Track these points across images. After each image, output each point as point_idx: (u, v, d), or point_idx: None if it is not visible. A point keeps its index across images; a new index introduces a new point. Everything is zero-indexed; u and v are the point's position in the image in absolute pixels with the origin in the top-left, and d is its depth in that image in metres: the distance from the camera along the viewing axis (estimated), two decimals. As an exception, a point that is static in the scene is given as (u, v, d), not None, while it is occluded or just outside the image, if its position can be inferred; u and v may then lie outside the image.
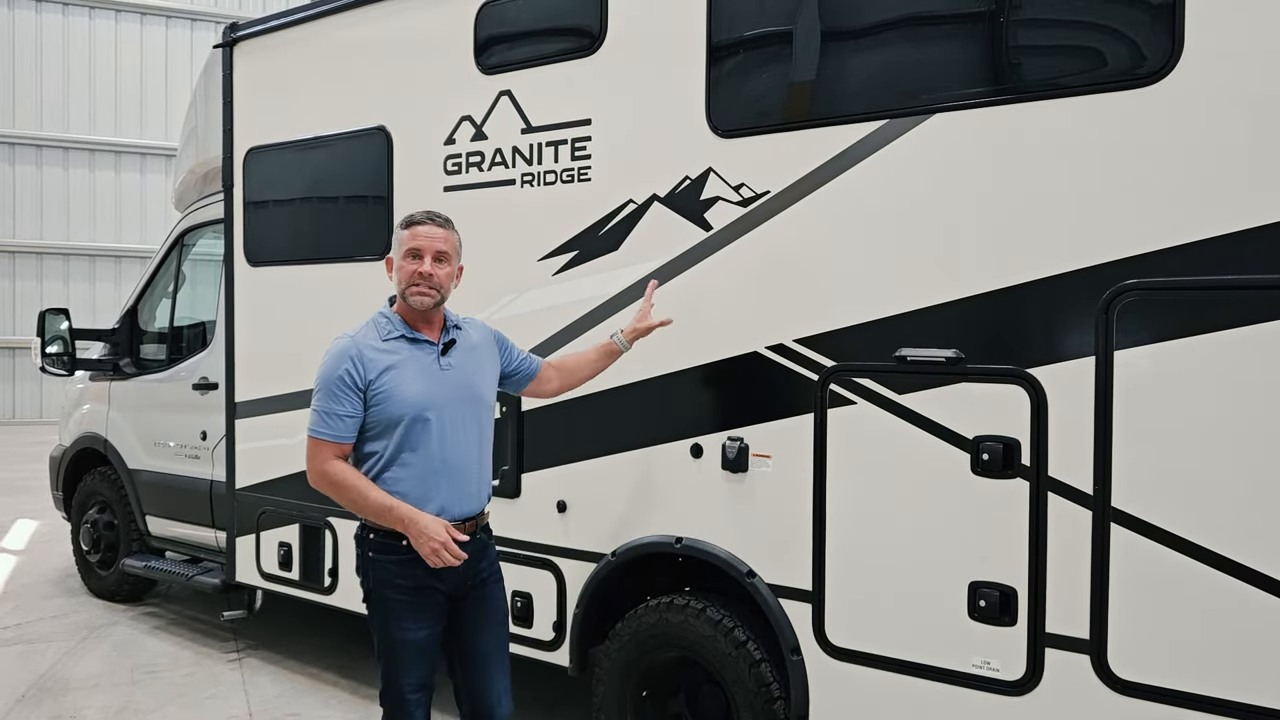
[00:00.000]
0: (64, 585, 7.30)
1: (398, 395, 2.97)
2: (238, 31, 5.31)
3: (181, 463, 6.13)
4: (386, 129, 4.57)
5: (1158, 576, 2.69)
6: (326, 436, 2.99)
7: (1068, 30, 2.88)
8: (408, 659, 3.03)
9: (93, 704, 5.01)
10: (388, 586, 3.03)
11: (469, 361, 3.14)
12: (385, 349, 3.01)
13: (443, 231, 3.09)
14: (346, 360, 2.98)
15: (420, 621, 3.03)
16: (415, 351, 3.04)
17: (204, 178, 6.14)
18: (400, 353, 3.02)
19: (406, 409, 2.97)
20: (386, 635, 3.05)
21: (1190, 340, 2.64)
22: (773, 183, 3.36)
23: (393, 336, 3.04)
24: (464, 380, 3.09)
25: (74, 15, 20.79)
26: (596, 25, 3.82)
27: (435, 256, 3.04)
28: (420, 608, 3.03)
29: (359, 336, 3.05)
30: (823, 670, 3.31)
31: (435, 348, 3.07)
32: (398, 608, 3.02)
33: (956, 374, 3.00)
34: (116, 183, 21.20)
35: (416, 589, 3.01)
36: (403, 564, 2.99)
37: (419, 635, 3.03)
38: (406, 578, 3.00)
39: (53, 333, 6.66)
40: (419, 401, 2.98)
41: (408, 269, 3.04)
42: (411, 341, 3.05)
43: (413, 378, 3.00)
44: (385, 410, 2.97)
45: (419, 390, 2.99)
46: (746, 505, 3.46)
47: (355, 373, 2.96)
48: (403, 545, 2.97)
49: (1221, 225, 2.59)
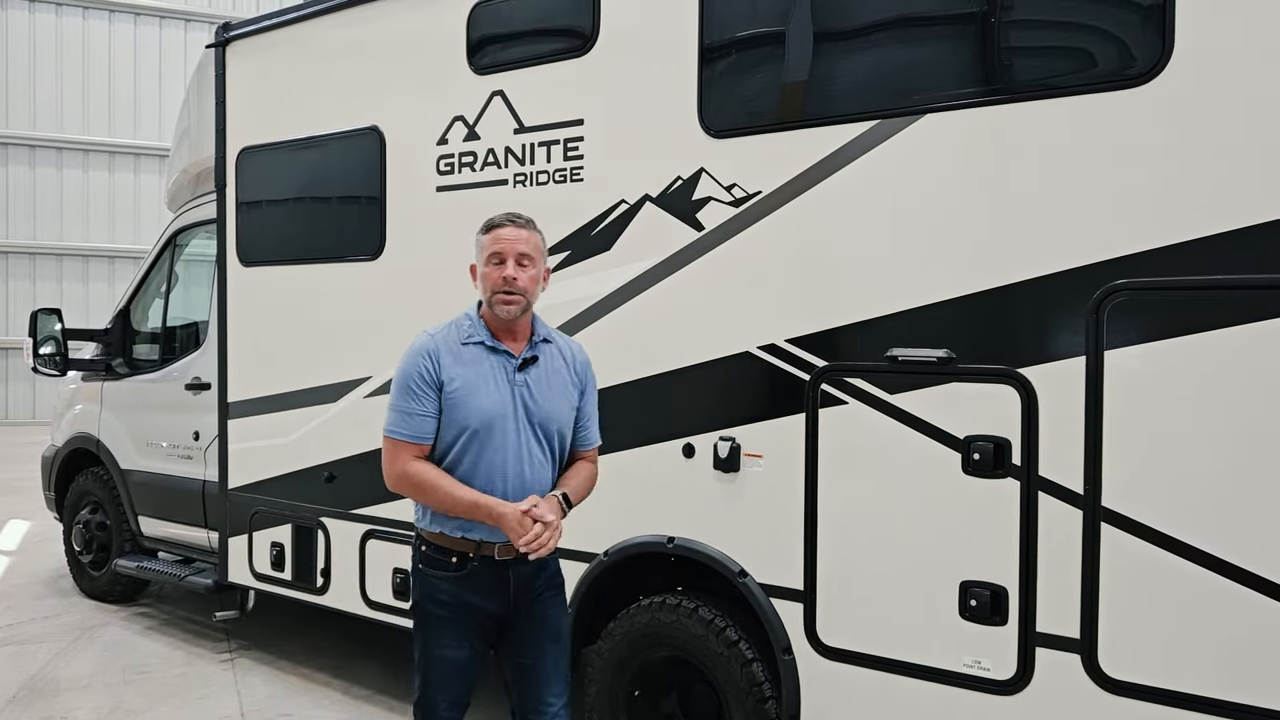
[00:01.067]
0: (56, 586, 7.28)
1: (466, 403, 2.81)
2: (230, 31, 5.30)
3: (174, 463, 6.12)
4: (379, 129, 4.57)
5: (1148, 576, 2.70)
6: (405, 436, 2.83)
7: (1058, 31, 2.89)
8: (443, 676, 2.93)
9: (84, 705, 4.99)
10: (431, 601, 2.92)
11: (544, 383, 2.91)
12: (462, 352, 2.86)
13: (525, 233, 2.89)
14: (424, 357, 2.84)
15: (461, 641, 2.90)
16: (491, 360, 2.86)
17: (197, 178, 6.13)
18: (476, 359, 2.86)
19: (471, 419, 2.81)
20: (426, 650, 2.95)
21: (1180, 340, 2.65)
22: (764, 183, 3.37)
23: (472, 341, 2.87)
24: (534, 401, 2.87)
25: (67, 15, 20.74)
26: (589, 26, 3.82)
27: (519, 260, 2.85)
28: (462, 627, 2.90)
29: (439, 334, 2.90)
30: (814, 670, 3.31)
31: (513, 360, 2.88)
32: (439, 624, 2.91)
33: (947, 374, 3.01)
34: (110, 183, 21.15)
35: (460, 606, 2.88)
36: (449, 580, 2.88)
37: (458, 655, 2.91)
38: (450, 595, 2.88)
39: (45, 333, 6.64)
40: (486, 413, 2.82)
41: (492, 275, 2.85)
42: (490, 350, 2.87)
43: (483, 387, 2.83)
44: (450, 416, 2.83)
45: (488, 402, 2.82)
46: (738, 505, 3.47)
47: (432, 369, 2.82)
48: (452, 562, 2.87)
49: (1211, 225, 2.60)
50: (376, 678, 5.33)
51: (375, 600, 4.62)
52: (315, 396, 4.83)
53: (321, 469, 4.79)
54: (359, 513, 4.67)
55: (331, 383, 4.76)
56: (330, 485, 4.78)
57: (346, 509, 4.73)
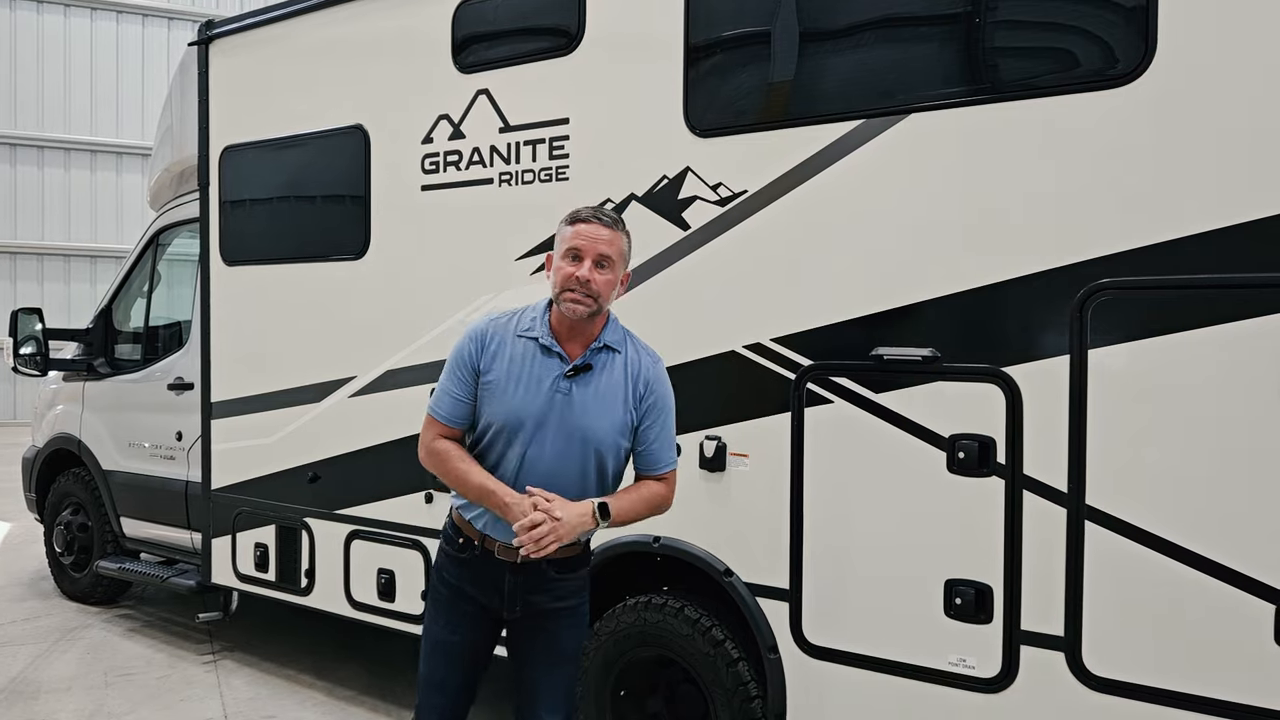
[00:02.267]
0: (37, 588, 7.22)
1: (497, 397, 2.71)
2: (213, 29, 5.27)
3: (156, 464, 6.07)
4: (364, 127, 4.55)
5: (1132, 574, 2.71)
6: (439, 416, 2.79)
7: (1042, 31, 2.90)
8: (430, 653, 2.90)
9: (65, 707, 4.95)
10: (437, 576, 2.91)
11: (595, 395, 2.72)
12: (513, 345, 2.73)
13: (610, 233, 2.71)
14: (471, 340, 2.76)
15: (452, 624, 2.86)
16: (541, 360, 2.71)
17: (179, 176, 6.10)
18: (525, 355, 2.72)
19: (498, 415, 2.70)
20: (426, 625, 2.94)
21: (1164, 339, 2.66)
22: (750, 182, 3.37)
23: (528, 335, 2.74)
24: (574, 413, 2.69)
25: (48, 13, 20.58)
26: (574, 24, 3.81)
27: (597, 260, 2.67)
28: (454, 611, 2.85)
29: (498, 320, 2.79)
30: (800, 669, 3.32)
31: (563, 365, 2.71)
32: (437, 601, 2.89)
33: (932, 373, 3.02)
34: (92, 182, 21.00)
35: (456, 591, 2.84)
36: (452, 562, 2.86)
37: (449, 639, 2.86)
38: (451, 576, 2.86)
39: (26, 333, 6.59)
40: (512, 412, 2.69)
41: (564, 271, 2.68)
42: (543, 349, 2.72)
43: (520, 385, 2.69)
44: (483, 407, 2.74)
45: (519, 401, 2.68)
46: (724, 504, 3.47)
47: (474, 353, 2.74)
48: (459, 543, 2.83)
49: (1195, 224, 2.62)
50: (361, 679, 5.31)
51: (360, 601, 4.60)
52: (299, 396, 4.81)
53: (305, 469, 4.77)
54: (343, 513, 4.65)
55: (315, 382, 4.74)
56: (314, 485, 4.76)
57: (330, 509, 4.70)
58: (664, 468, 2.86)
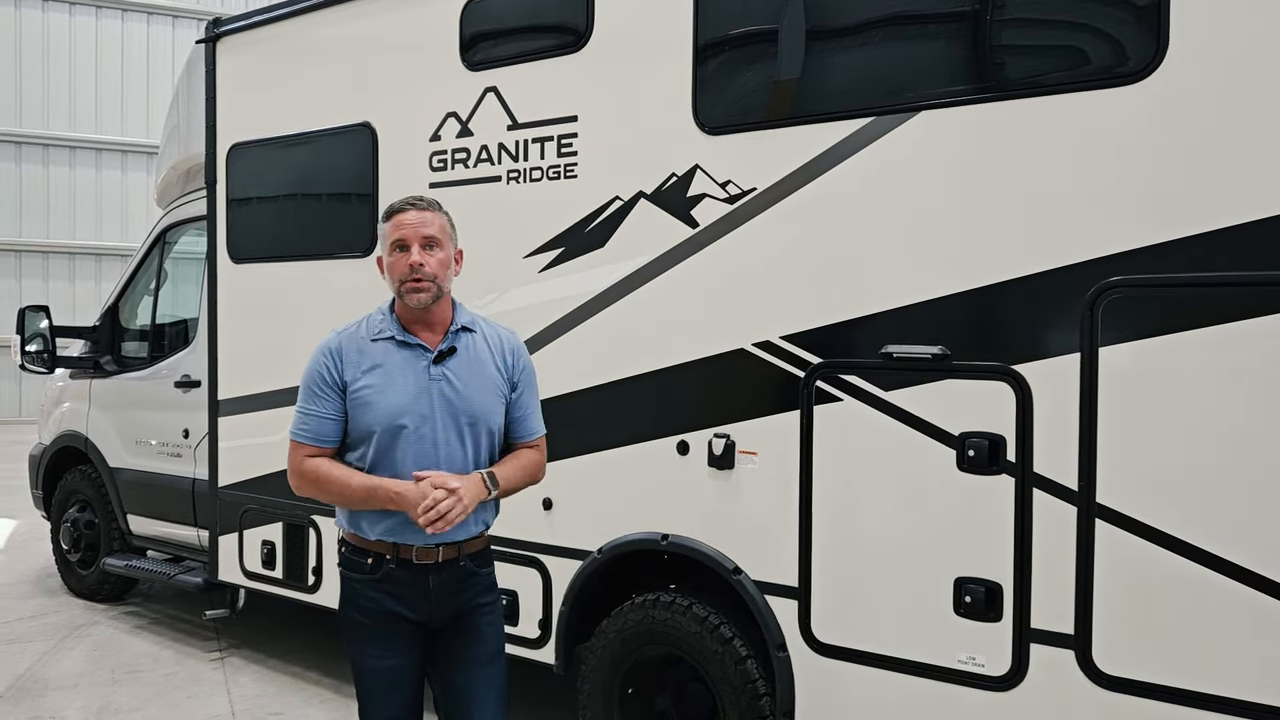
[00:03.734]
0: (44, 585, 7.24)
1: (373, 403, 2.65)
2: (221, 27, 5.28)
3: (163, 461, 6.08)
4: (372, 125, 4.55)
5: (1142, 572, 2.70)
6: (305, 439, 2.70)
7: (1052, 29, 2.90)
8: (373, 688, 2.74)
9: (73, 704, 4.96)
10: (351, 607, 2.74)
11: (468, 373, 2.73)
12: (370, 350, 2.70)
13: (428, 214, 2.73)
14: (326, 356, 2.70)
15: (387, 650, 2.72)
16: (404, 355, 2.69)
17: (186, 174, 6.10)
18: (386, 355, 2.69)
19: (379, 420, 2.64)
20: (354, 660, 2.77)
21: (1174, 337, 2.65)
22: (759, 180, 3.37)
23: (382, 337, 2.71)
24: (455, 394, 2.69)
25: (54, 11, 20.61)
26: (583, 22, 3.81)
27: (423, 244, 2.68)
28: (384, 635, 2.71)
29: (345, 332, 2.75)
30: (809, 666, 3.31)
31: (428, 354, 2.70)
32: (360, 632, 2.73)
33: (942, 371, 3.01)
34: (97, 180, 21.03)
35: (380, 614, 2.70)
36: (366, 584, 2.71)
37: (385, 664, 2.72)
38: (371, 601, 2.70)
39: (32, 330, 6.60)
40: (394, 412, 2.64)
41: (398, 264, 2.68)
42: (401, 345, 2.70)
43: (393, 385, 2.66)
44: (358, 418, 2.67)
45: (397, 400, 2.65)
46: (733, 502, 3.46)
47: (333, 370, 2.68)
48: (367, 564, 2.70)
49: (1206, 222, 2.61)
50: (368, 676, 5.31)
51: (367, 598, 4.59)
52: (306, 394, 4.81)
53: (313, 467, 4.77)
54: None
55: (323, 380, 4.73)
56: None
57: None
58: (537, 434, 2.90)
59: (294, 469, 2.74)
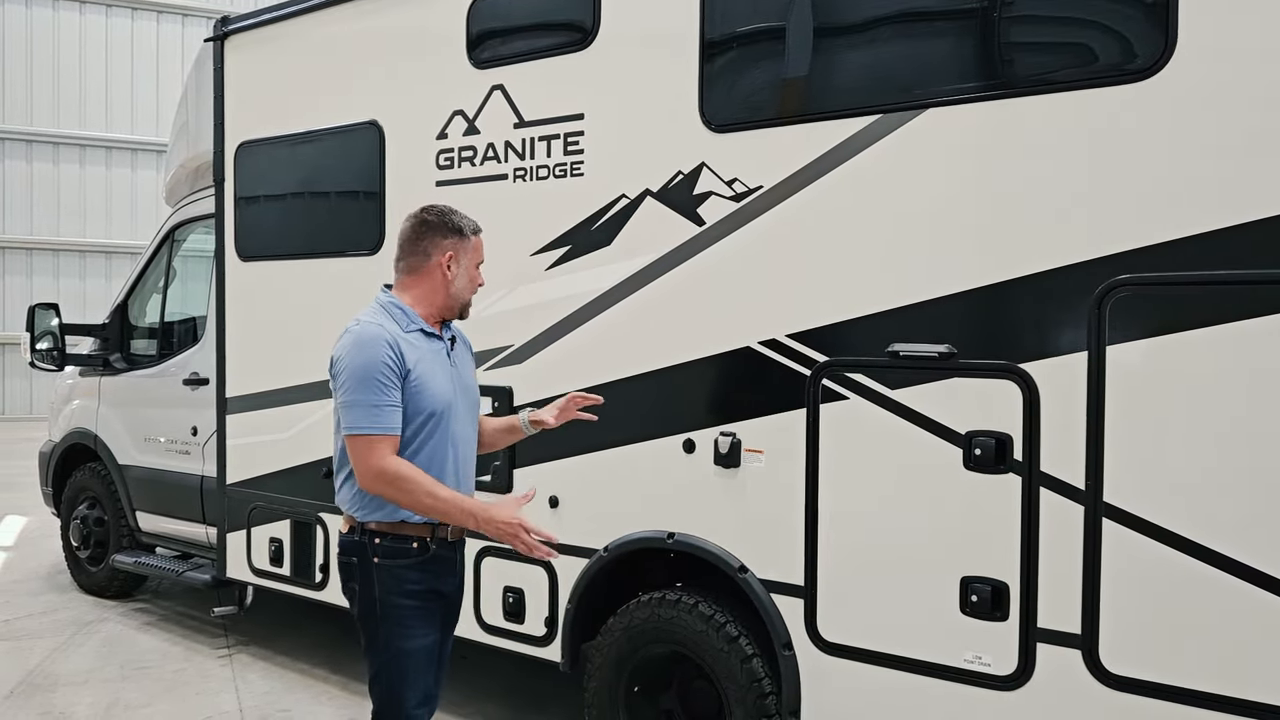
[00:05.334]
0: (53, 581, 7.27)
1: (428, 388, 2.84)
2: (229, 25, 5.29)
3: (172, 458, 6.10)
4: (379, 123, 4.55)
5: (1149, 571, 2.69)
6: (384, 430, 2.76)
7: (1060, 25, 2.88)
8: (414, 669, 2.88)
9: (82, 700, 4.99)
10: (396, 593, 2.86)
11: (463, 361, 3.10)
12: (410, 340, 2.87)
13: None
14: (385, 347, 2.79)
15: (429, 627, 2.92)
16: (432, 346, 2.94)
17: (195, 172, 6.12)
18: (420, 346, 2.90)
19: (434, 403, 2.85)
20: (393, 647, 2.87)
21: (1183, 335, 2.64)
22: (766, 177, 3.36)
23: (413, 329, 2.90)
24: (461, 378, 3.02)
25: (64, 10, 20.68)
26: (589, 20, 3.81)
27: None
28: (430, 614, 2.92)
29: (387, 324, 2.87)
30: (815, 665, 3.31)
31: (445, 344, 2.99)
32: (407, 614, 2.87)
33: (949, 369, 3.00)
34: (107, 178, 21.10)
35: (427, 593, 2.90)
36: (412, 568, 2.87)
37: (427, 641, 2.91)
38: (415, 582, 2.87)
39: (42, 328, 6.63)
40: (443, 395, 2.89)
41: (480, 277, 3.05)
42: (429, 336, 2.94)
43: (437, 371, 2.90)
44: (415, 403, 2.82)
45: (442, 384, 2.90)
46: (739, 500, 3.46)
47: (396, 359, 2.79)
48: (413, 548, 2.86)
49: (1214, 220, 2.60)
50: (375, 673, 5.32)
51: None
52: (314, 392, 4.81)
53: (320, 464, 4.78)
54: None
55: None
56: (328, 481, 4.75)
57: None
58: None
59: (375, 467, 2.76)
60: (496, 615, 4.13)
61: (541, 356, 3.98)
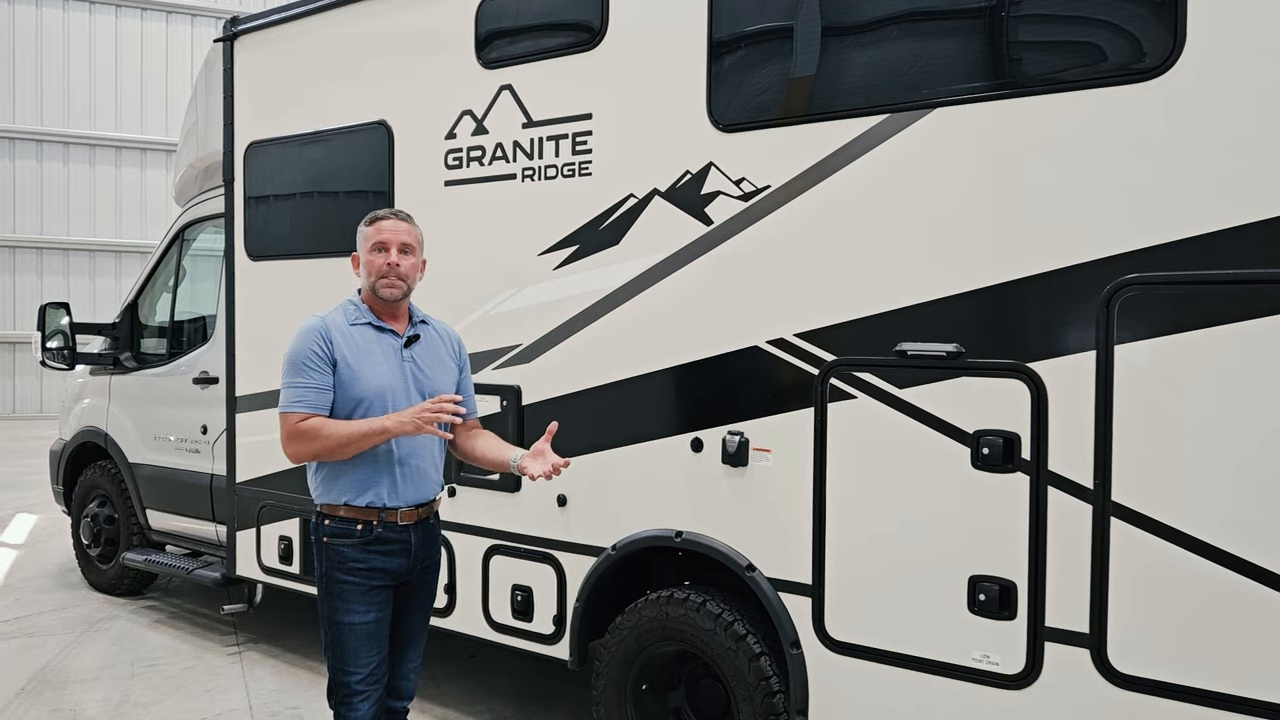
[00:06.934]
0: (64, 579, 7.31)
1: (360, 377, 3.04)
2: (238, 26, 5.31)
3: (182, 457, 6.13)
4: (387, 123, 4.57)
5: (1157, 570, 2.69)
6: (300, 408, 3.01)
7: (1068, 25, 2.88)
8: (354, 644, 3.06)
9: (92, 697, 5.01)
10: (340, 570, 3.07)
11: (429, 359, 3.21)
12: (351, 333, 3.09)
13: (406, 225, 3.19)
14: (315, 336, 3.04)
15: (369, 606, 3.07)
16: (380, 338, 3.12)
17: (204, 172, 6.14)
18: (365, 338, 3.10)
19: (366, 392, 3.04)
20: (336, 621, 3.07)
21: (1191, 334, 2.64)
22: (774, 177, 3.36)
23: (360, 322, 3.12)
24: (421, 374, 3.15)
25: (74, 11, 20.79)
26: (598, 19, 3.81)
27: (401, 248, 3.13)
28: (369, 592, 3.07)
29: (327, 317, 3.12)
30: (822, 664, 3.31)
31: (399, 339, 3.15)
32: (348, 592, 3.06)
33: (957, 368, 3.01)
34: (117, 178, 21.21)
35: (368, 572, 3.07)
36: (356, 547, 3.06)
37: (368, 619, 3.07)
38: (358, 560, 3.06)
39: (53, 327, 6.66)
40: (379, 386, 3.06)
41: (376, 261, 3.12)
42: (378, 330, 3.13)
43: (376, 362, 3.08)
44: (346, 391, 3.04)
45: (380, 375, 3.07)
46: (747, 499, 3.47)
47: (324, 347, 3.03)
48: (358, 529, 3.06)
49: (1223, 220, 2.59)
50: (384, 671, 5.34)
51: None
52: (323, 390, 4.83)
53: (329, 463, 4.79)
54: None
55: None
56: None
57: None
58: (477, 414, 3.45)
59: (289, 432, 3.03)
60: (505, 613, 4.14)
61: (549, 356, 3.99)
